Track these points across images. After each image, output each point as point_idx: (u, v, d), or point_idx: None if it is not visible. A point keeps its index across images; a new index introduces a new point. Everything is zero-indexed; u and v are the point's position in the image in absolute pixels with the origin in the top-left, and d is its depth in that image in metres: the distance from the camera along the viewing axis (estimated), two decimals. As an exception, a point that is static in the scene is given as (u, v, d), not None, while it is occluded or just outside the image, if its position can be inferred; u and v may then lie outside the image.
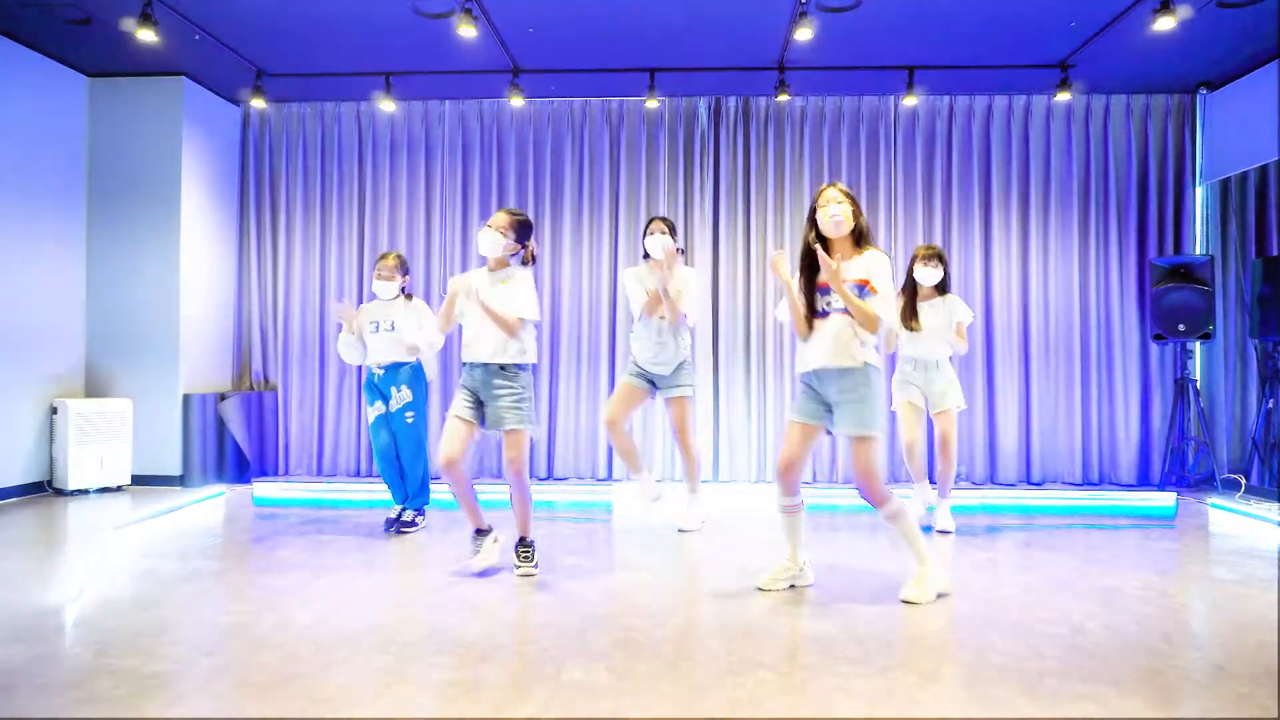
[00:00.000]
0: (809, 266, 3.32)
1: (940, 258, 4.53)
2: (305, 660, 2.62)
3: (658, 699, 2.33)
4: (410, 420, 4.56)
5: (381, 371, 4.54)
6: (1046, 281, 6.34)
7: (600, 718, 2.02)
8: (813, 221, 3.32)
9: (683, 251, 4.70)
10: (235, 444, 6.19)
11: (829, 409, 3.34)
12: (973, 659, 2.66)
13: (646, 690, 2.39)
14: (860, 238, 3.32)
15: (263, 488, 5.86)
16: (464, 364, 3.74)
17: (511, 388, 3.65)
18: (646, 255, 4.61)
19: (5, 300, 5.40)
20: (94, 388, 6.03)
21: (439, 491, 5.03)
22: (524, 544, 3.73)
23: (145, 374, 6.00)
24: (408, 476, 4.64)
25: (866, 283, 3.23)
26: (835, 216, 3.26)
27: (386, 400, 4.57)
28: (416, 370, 4.60)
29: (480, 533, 3.76)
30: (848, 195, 3.31)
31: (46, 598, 3.30)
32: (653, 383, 4.60)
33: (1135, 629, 2.96)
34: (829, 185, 3.35)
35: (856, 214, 3.30)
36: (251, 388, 6.60)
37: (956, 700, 2.35)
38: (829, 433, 3.41)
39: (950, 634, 2.94)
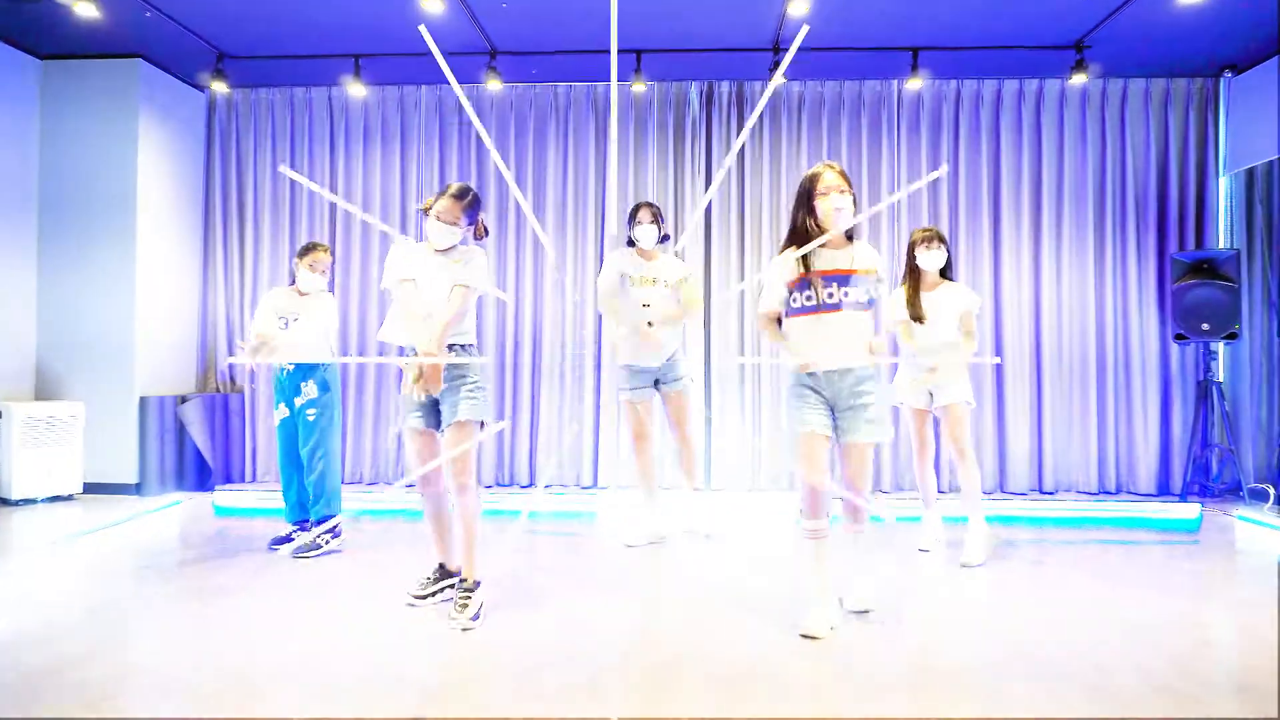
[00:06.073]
0: (802, 252, 2.93)
1: (941, 239, 4.12)
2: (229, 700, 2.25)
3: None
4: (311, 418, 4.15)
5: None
6: (1059, 277, 5.95)
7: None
8: (809, 207, 2.94)
9: (668, 238, 4.35)
10: (196, 449, 5.83)
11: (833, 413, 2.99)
12: (988, 706, 2.29)
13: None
14: (851, 230, 2.98)
15: (225, 496, 5.50)
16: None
17: (464, 374, 3.11)
18: (631, 242, 4.28)
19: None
20: (44, 390, 5.67)
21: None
22: (463, 583, 3.11)
23: (99, 375, 5.63)
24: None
25: (874, 271, 2.93)
26: (841, 209, 2.90)
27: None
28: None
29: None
30: (850, 184, 2.95)
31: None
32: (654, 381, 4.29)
33: (1167, 669, 2.59)
34: (827, 167, 2.94)
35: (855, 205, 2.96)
36: (217, 389, 6.25)
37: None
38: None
39: (960, 677, 2.56)
